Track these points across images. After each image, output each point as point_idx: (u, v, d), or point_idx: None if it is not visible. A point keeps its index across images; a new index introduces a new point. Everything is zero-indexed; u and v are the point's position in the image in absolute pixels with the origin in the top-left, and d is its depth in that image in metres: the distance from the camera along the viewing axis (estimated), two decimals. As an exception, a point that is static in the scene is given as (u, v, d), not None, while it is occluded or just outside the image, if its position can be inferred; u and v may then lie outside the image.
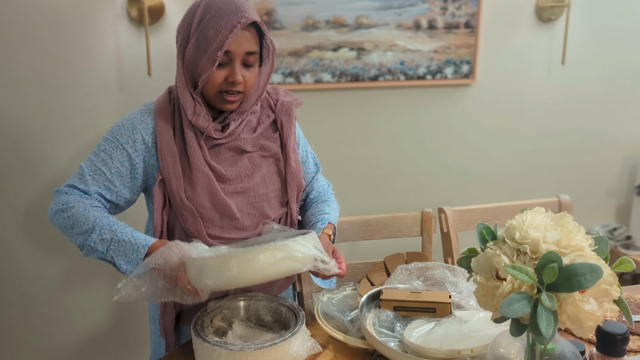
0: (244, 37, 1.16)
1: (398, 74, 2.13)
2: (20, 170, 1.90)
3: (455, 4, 2.10)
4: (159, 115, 1.23)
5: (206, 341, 1.07)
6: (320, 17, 2.02)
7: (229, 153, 1.26)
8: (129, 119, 1.24)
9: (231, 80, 1.17)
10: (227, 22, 1.13)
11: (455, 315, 1.20)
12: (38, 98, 1.86)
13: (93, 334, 2.09)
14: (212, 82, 1.18)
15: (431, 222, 1.71)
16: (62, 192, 1.21)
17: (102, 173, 1.20)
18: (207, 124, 1.20)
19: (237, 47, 1.16)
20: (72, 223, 1.16)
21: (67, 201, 1.18)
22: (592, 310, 0.80)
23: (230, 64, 1.17)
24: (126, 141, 1.21)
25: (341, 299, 1.35)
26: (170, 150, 1.21)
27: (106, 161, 1.20)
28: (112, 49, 1.88)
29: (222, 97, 1.19)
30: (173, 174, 1.20)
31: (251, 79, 1.21)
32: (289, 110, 1.33)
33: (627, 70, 2.38)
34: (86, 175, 1.20)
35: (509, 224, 0.87)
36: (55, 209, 1.19)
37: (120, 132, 1.22)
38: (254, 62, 1.20)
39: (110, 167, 1.20)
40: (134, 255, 1.12)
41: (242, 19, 1.13)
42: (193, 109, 1.20)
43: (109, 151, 1.21)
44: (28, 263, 1.97)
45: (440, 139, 2.28)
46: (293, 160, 1.32)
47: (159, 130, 1.22)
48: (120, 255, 1.13)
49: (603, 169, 2.49)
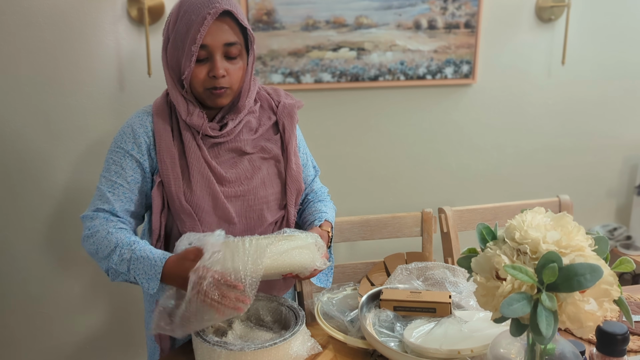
0: (219, 29, 1.14)
1: (398, 74, 2.13)
2: (20, 170, 1.90)
3: (455, 4, 2.10)
4: (157, 116, 1.22)
5: (206, 341, 1.07)
6: (320, 17, 2.02)
7: (229, 154, 1.25)
8: (128, 125, 1.23)
9: (212, 75, 1.15)
10: (198, 15, 1.12)
11: (455, 315, 1.19)
12: (38, 98, 1.86)
13: (93, 334, 2.09)
14: (196, 79, 1.16)
15: (431, 222, 1.71)
16: (87, 218, 1.20)
17: (120, 185, 1.19)
18: (201, 122, 1.19)
19: (213, 40, 1.14)
20: (96, 248, 1.16)
21: (93, 226, 1.18)
22: (592, 310, 0.80)
23: (211, 58, 1.15)
24: (131, 147, 1.20)
25: (341, 299, 1.35)
26: (169, 151, 1.20)
27: (119, 173, 1.20)
28: (112, 49, 1.88)
29: (210, 92, 1.18)
30: (172, 176, 1.20)
31: (236, 72, 1.18)
32: (291, 113, 1.32)
33: (627, 70, 2.38)
34: (106, 193, 1.19)
35: (509, 224, 0.87)
36: (83, 235, 1.19)
37: (123, 140, 1.22)
38: (236, 53, 1.17)
39: (125, 178, 1.20)
40: (152, 271, 1.09)
41: (212, 9, 1.11)
42: (186, 108, 1.20)
43: (118, 162, 1.20)
44: (28, 263, 1.97)
45: (440, 139, 2.28)
46: (294, 162, 1.31)
47: (158, 131, 1.21)
48: (140, 272, 1.11)
49: (603, 169, 2.49)
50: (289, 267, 1.09)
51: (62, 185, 1.94)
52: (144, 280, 1.10)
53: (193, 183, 1.20)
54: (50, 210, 1.95)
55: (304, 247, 1.11)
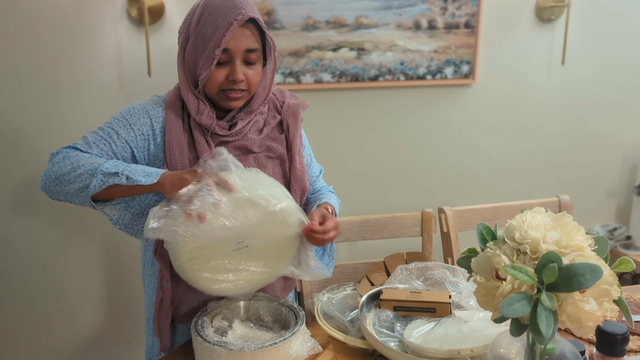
0: (242, 35, 1.16)
1: (398, 74, 2.13)
2: (20, 170, 1.90)
3: (455, 4, 2.10)
4: (169, 107, 1.23)
5: (206, 341, 1.07)
6: (320, 17, 2.02)
7: (235, 152, 1.25)
8: (141, 105, 1.23)
9: (232, 79, 1.17)
10: (224, 19, 1.13)
11: (455, 315, 1.20)
12: (38, 98, 1.86)
13: (93, 334, 2.09)
14: (214, 81, 1.18)
15: (431, 222, 1.71)
16: (60, 152, 1.15)
17: (108, 144, 1.17)
18: (210, 122, 1.21)
19: (235, 45, 1.15)
20: (77, 165, 1.10)
21: (67, 153, 1.13)
22: (592, 310, 0.80)
23: (231, 62, 1.17)
24: (135, 122, 1.20)
25: (341, 299, 1.35)
26: (178, 142, 1.21)
27: (112, 136, 1.18)
28: (112, 49, 1.88)
29: (225, 95, 1.19)
30: (180, 166, 1.20)
31: (254, 77, 1.20)
32: (295, 113, 1.33)
33: (627, 70, 2.38)
34: (90, 142, 1.16)
35: (509, 224, 0.87)
36: (52, 163, 1.13)
37: (130, 114, 1.21)
38: (255, 59, 1.19)
39: (115, 142, 1.18)
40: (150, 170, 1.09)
41: (238, 15, 1.13)
42: (197, 107, 1.21)
43: (115, 128, 1.19)
44: (28, 263, 1.97)
45: (440, 139, 2.28)
46: (298, 162, 1.32)
47: (169, 121, 1.22)
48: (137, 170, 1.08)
49: (603, 169, 2.49)
50: (277, 201, 1.10)
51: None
52: (140, 176, 1.08)
53: None
54: (51, 211, 1.95)
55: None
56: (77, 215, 1.97)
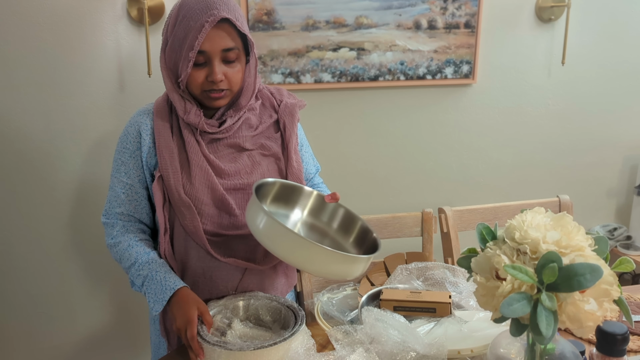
0: (217, 35, 1.15)
1: (398, 74, 2.13)
2: (21, 170, 1.90)
3: (455, 4, 2.10)
4: (157, 115, 1.25)
5: (206, 341, 1.07)
6: (320, 17, 2.02)
7: (228, 150, 1.26)
8: (130, 124, 1.27)
9: (211, 80, 1.17)
10: (197, 21, 1.13)
11: (455, 315, 1.19)
12: (38, 98, 1.86)
13: (93, 334, 2.09)
14: (194, 82, 1.19)
15: (431, 222, 1.71)
16: (108, 225, 1.27)
17: (131, 186, 1.25)
18: (198, 120, 1.22)
19: (211, 46, 1.15)
20: (119, 258, 1.25)
21: (115, 236, 1.26)
22: (592, 310, 0.80)
23: (209, 63, 1.17)
24: (136, 147, 1.25)
25: (341, 299, 1.35)
26: (167, 146, 1.22)
27: (128, 173, 1.25)
28: (112, 49, 1.88)
29: (207, 95, 1.20)
30: (171, 170, 1.21)
31: (234, 75, 1.20)
32: (292, 112, 1.34)
33: (627, 70, 2.38)
34: (120, 195, 1.26)
35: (509, 224, 0.87)
36: (107, 242, 1.27)
37: (127, 139, 1.26)
38: (234, 57, 1.19)
39: (134, 178, 1.25)
40: (161, 296, 1.15)
41: (210, 17, 1.12)
42: (183, 107, 1.22)
43: (125, 162, 1.25)
44: (28, 263, 1.97)
45: (440, 139, 2.28)
46: (294, 160, 1.32)
47: (157, 129, 1.23)
48: (151, 293, 1.17)
49: (603, 169, 2.49)
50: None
51: (62, 185, 1.94)
52: (152, 301, 1.17)
53: (192, 176, 1.22)
54: (51, 210, 1.95)
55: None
56: (78, 215, 1.97)
